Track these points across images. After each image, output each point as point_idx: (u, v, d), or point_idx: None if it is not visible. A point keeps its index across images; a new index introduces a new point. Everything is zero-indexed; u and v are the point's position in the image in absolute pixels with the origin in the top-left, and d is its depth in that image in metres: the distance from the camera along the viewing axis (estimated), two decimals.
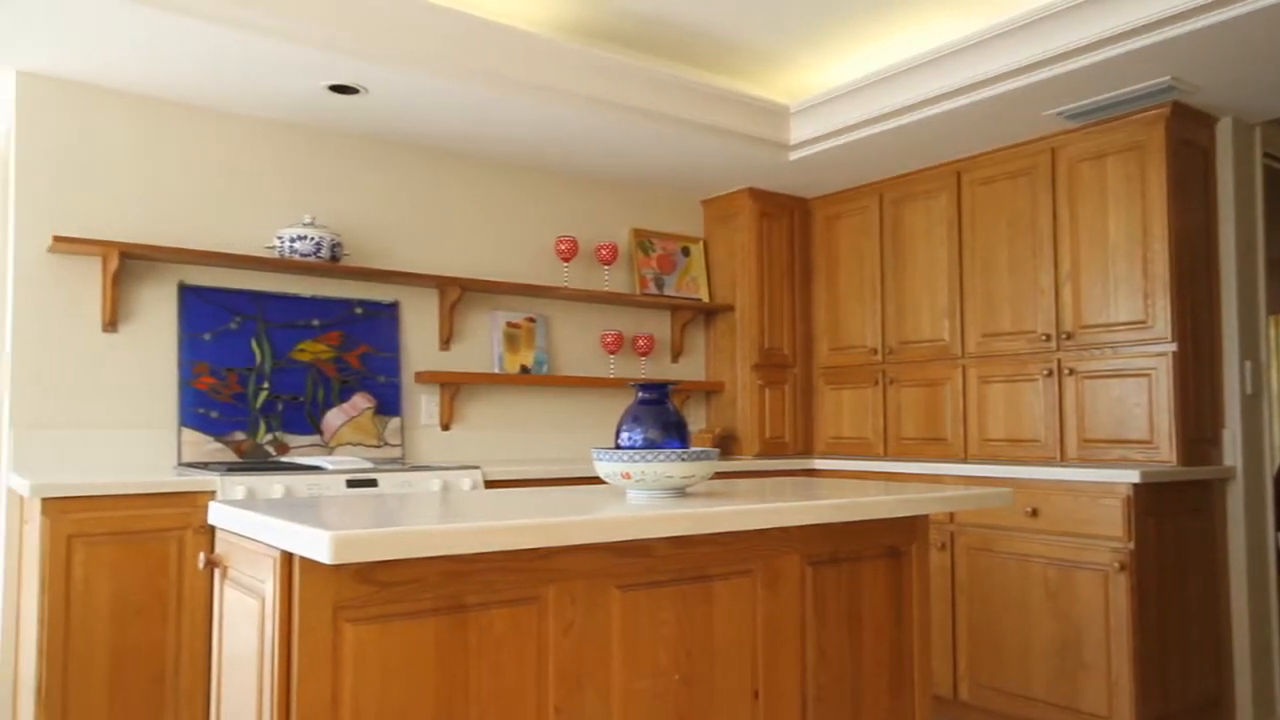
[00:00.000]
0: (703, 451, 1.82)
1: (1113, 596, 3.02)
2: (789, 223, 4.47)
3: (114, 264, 2.98)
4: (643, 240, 4.33)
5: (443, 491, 2.90)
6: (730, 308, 4.39)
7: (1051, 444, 3.50)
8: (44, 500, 2.44)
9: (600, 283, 4.21)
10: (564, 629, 1.63)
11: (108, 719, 2.49)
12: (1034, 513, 3.24)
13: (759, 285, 4.33)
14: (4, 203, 3.50)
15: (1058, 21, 2.98)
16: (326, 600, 1.41)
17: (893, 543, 2.17)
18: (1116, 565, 3.01)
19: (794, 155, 3.92)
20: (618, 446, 1.92)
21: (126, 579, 2.54)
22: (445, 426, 3.72)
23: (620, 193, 4.32)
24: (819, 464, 4.18)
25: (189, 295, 3.19)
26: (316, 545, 1.28)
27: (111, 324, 3.04)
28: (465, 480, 3.09)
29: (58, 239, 2.87)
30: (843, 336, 4.36)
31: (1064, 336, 3.48)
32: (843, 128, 3.70)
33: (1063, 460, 3.45)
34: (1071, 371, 3.45)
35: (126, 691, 2.52)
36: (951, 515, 3.50)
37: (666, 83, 3.52)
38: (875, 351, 4.19)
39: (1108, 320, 3.36)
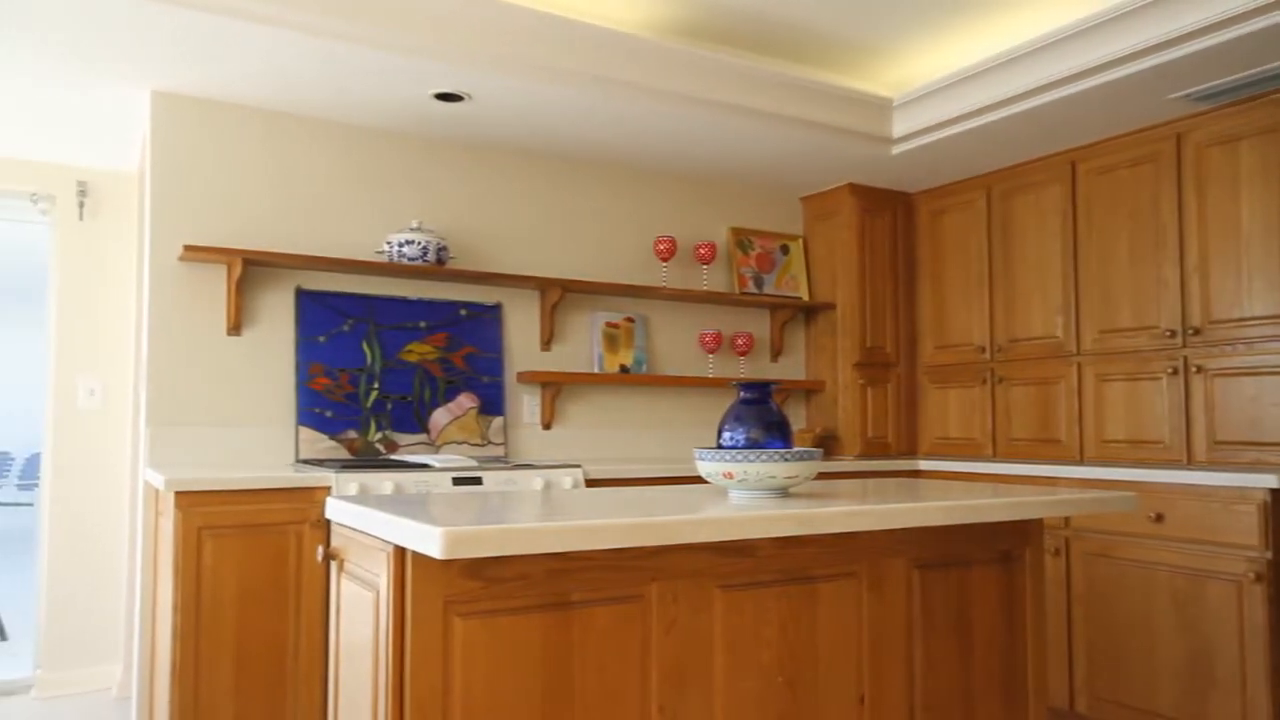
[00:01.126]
0: (806, 451, 1.80)
1: (1248, 609, 2.83)
2: (891, 218, 4.37)
3: (238, 271, 3.14)
4: (741, 239, 4.30)
5: (545, 490, 2.95)
6: (831, 306, 4.32)
7: (1177, 446, 3.31)
8: (177, 494, 2.59)
9: (699, 282, 4.20)
10: (666, 627, 1.64)
11: (234, 698, 2.63)
12: (1158, 518, 3.07)
13: (860, 282, 4.25)
14: (141, 215, 3.74)
15: None
16: (437, 594, 1.45)
17: (1005, 547, 2.09)
18: (1252, 575, 2.82)
19: (897, 149, 3.83)
20: (720, 446, 1.91)
21: (250, 568, 2.67)
22: (546, 425, 3.78)
23: (719, 192, 4.31)
24: (924, 465, 4.07)
25: (305, 299, 3.33)
26: (428, 540, 1.32)
27: (235, 328, 3.21)
28: (566, 479, 3.13)
29: (188, 248, 3.04)
30: (948, 334, 4.23)
31: (1190, 332, 3.28)
32: (949, 119, 3.59)
33: (1190, 463, 3.26)
34: (1199, 369, 3.26)
35: (251, 673, 2.66)
36: (1067, 520, 3.35)
37: (765, 79, 3.49)
38: (983, 349, 4.05)
39: (1241, 315, 3.16)
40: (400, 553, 1.46)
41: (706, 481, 3.15)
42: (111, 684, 3.96)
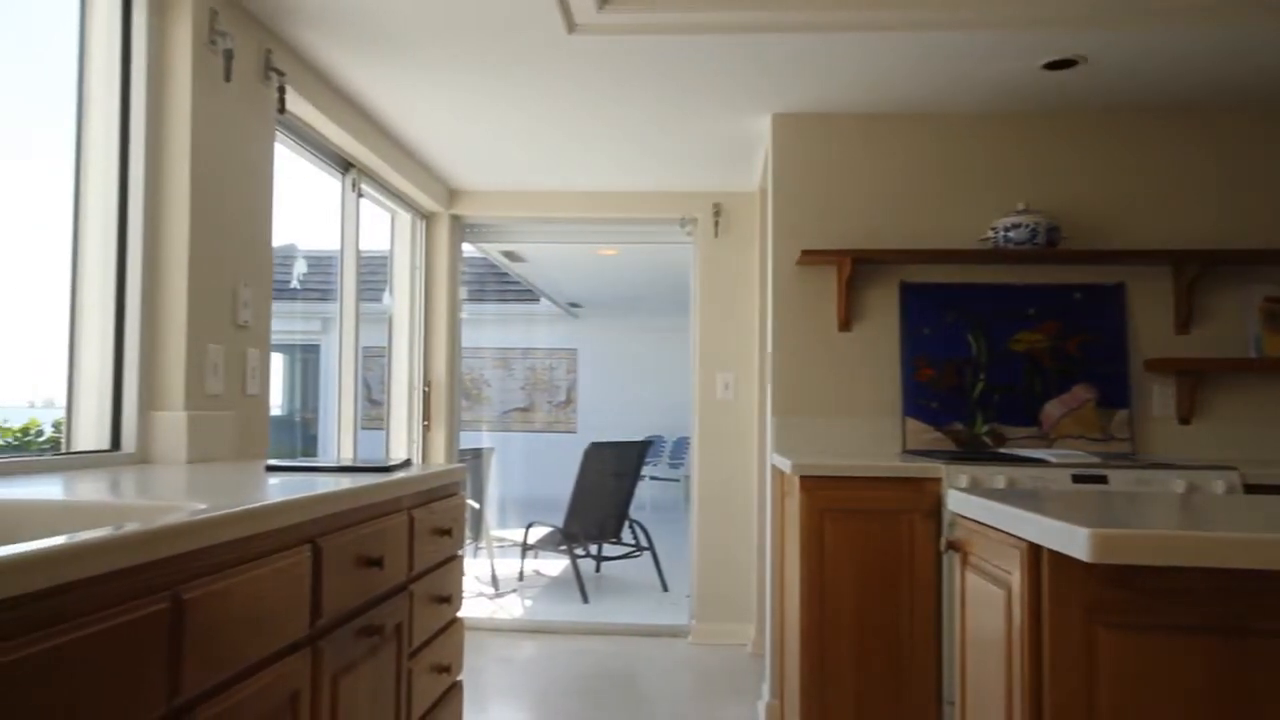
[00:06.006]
0: None
1: None
2: None
3: (847, 270, 3.33)
4: None
5: (1189, 493, 2.56)
6: None
7: None
8: (801, 478, 2.84)
9: None
10: None
11: (855, 670, 2.79)
12: None
13: None
14: (762, 227, 4.21)
15: None
16: (1077, 600, 1.34)
17: None
18: None
19: None
20: None
21: (865, 551, 2.81)
22: (1184, 420, 3.27)
23: None
24: None
25: (908, 293, 3.39)
26: (1072, 541, 1.23)
27: (845, 324, 3.41)
28: (1218, 482, 2.67)
29: (805, 253, 3.32)
30: None
31: None
32: None
33: None
34: None
35: (868, 648, 2.79)
36: None
37: None
38: None
39: None
40: (1034, 551, 1.38)
41: None
42: (746, 640, 4.52)
